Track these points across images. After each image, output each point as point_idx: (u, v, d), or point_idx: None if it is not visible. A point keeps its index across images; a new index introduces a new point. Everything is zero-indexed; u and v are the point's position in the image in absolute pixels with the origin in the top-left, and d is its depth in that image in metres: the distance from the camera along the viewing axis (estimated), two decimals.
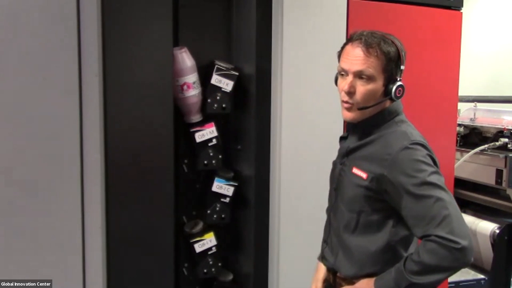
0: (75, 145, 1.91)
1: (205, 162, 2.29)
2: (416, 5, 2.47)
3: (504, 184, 3.16)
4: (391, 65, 1.45)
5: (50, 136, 1.89)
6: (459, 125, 3.51)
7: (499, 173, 3.20)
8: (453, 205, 1.37)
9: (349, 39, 1.50)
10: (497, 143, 3.25)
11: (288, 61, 2.22)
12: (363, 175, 1.46)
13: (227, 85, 2.25)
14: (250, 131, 2.29)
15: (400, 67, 1.47)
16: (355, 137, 1.55)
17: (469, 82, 4.23)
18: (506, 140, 3.23)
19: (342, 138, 1.64)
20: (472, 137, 3.61)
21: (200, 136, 2.27)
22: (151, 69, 2.05)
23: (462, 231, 1.33)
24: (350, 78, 1.44)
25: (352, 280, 1.53)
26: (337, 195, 1.58)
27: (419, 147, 1.41)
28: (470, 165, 3.39)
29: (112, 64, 1.97)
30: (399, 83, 1.46)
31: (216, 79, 2.24)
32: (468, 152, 3.34)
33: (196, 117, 2.29)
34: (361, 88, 1.44)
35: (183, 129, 2.30)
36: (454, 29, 2.58)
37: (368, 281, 1.47)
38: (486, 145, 3.30)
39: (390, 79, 1.46)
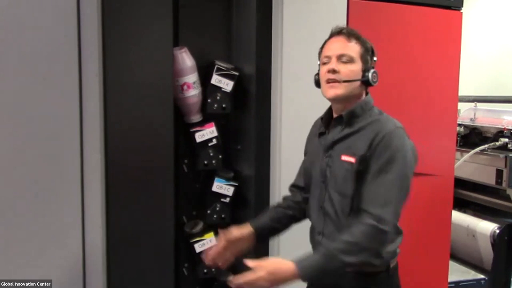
0: (75, 145, 1.91)
1: (205, 162, 2.29)
2: (416, 5, 2.47)
3: (504, 184, 3.17)
4: (368, 54, 1.62)
5: (50, 136, 1.89)
6: (459, 125, 3.51)
7: (499, 173, 3.20)
8: (403, 192, 1.52)
9: (330, 35, 1.67)
10: (497, 143, 3.26)
11: (288, 61, 2.22)
12: (352, 159, 1.56)
13: (227, 85, 2.25)
14: (250, 131, 2.29)
15: (373, 59, 1.64)
16: (336, 129, 1.65)
17: (469, 82, 4.23)
18: (506, 140, 3.24)
19: (321, 134, 1.72)
20: (472, 137, 3.61)
21: (200, 136, 2.27)
22: (151, 69, 2.05)
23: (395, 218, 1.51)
24: (333, 60, 1.59)
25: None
26: (326, 186, 1.64)
27: (402, 132, 1.56)
28: (470, 165, 3.40)
29: (112, 64, 1.97)
30: (374, 69, 1.62)
31: (216, 79, 2.24)
32: (468, 152, 3.34)
33: (196, 117, 2.29)
34: (344, 68, 1.58)
35: (183, 129, 2.30)
36: (454, 29, 2.58)
37: (288, 262, 1.48)
38: (486, 145, 3.30)
39: (366, 66, 1.61)
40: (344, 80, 1.57)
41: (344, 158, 1.58)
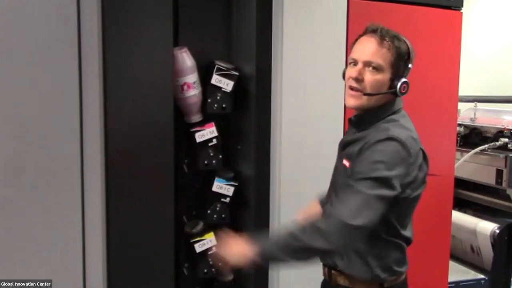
0: (76, 145, 1.91)
1: (206, 162, 2.29)
2: (416, 5, 2.47)
3: (504, 184, 3.17)
4: (400, 61, 1.49)
5: (50, 136, 1.89)
6: (459, 125, 3.51)
7: (499, 173, 3.20)
8: (371, 197, 1.37)
9: (364, 32, 1.54)
10: (497, 143, 3.26)
11: (288, 61, 2.22)
12: (347, 164, 1.52)
13: (227, 85, 2.25)
14: (250, 131, 2.29)
15: (408, 66, 1.51)
16: (352, 131, 1.60)
17: (469, 82, 4.23)
18: (506, 140, 3.24)
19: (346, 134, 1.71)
20: (472, 137, 3.61)
21: (200, 136, 2.27)
22: (152, 69, 2.05)
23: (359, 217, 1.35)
24: (359, 66, 1.48)
25: (347, 274, 1.55)
26: (331, 188, 1.63)
27: (393, 142, 1.42)
28: (470, 165, 3.39)
29: (112, 64, 1.97)
30: (404, 79, 1.49)
31: (216, 79, 2.23)
32: (468, 152, 3.34)
33: (196, 117, 2.29)
34: (370, 77, 1.47)
35: (184, 129, 2.29)
36: (454, 29, 2.58)
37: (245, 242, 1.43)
38: (486, 145, 3.30)
39: (396, 75, 1.49)
40: (365, 93, 1.47)
41: (344, 162, 1.55)
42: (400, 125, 1.50)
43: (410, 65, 1.51)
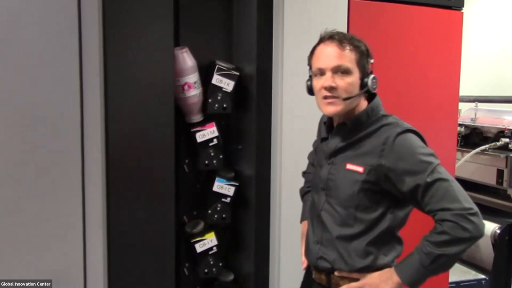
0: (76, 145, 1.91)
1: (206, 162, 2.29)
2: (416, 5, 2.47)
3: (505, 184, 3.17)
4: (364, 59, 1.52)
5: (51, 136, 1.89)
6: (460, 125, 3.51)
7: (500, 173, 3.20)
8: (453, 180, 1.45)
9: (320, 41, 1.56)
10: (498, 143, 3.26)
11: (288, 61, 2.22)
12: (359, 169, 1.50)
13: (228, 85, 2.25)
14: (251, 131, 2.29)
15: (370, 61, 1.54)
16: (339, 136, 1.58)
17: (470, 82, 4.22)
18: (507, 140, 3.24)
19: (323, 139, 1.66)
20: (473, 137, 3.61)
21: (201, 136, 2.27)
22: (152, 69, 2.05)
23: (468, 200, 1.43)
24: (329, 74, 1.49)
25: (350, 275, 1.54)
26: (326, 195, 1.59)
27: (410, 134, 1.48)
28: (471, 165, 3.39)
29: (113, 64, 1.97)
30: (373, 75, 1.53)
31: (217, 79, 2.23)
32: (469, 152, 3.34)
33: (197, 117, 2.29)
34: (341, 82, 1.48)
35: (184, 129, 2.29)
36: (455, 29, 2.57)
37: (386, 272, 1.49)
38: (487, 145, 3.30)
39: (364, 73, 1.51)
40: (344, 98, 1.48)
41: (350, 167, 1.52)
42: (399, 119, 1.56)
43: (372, 60, 1.54)
